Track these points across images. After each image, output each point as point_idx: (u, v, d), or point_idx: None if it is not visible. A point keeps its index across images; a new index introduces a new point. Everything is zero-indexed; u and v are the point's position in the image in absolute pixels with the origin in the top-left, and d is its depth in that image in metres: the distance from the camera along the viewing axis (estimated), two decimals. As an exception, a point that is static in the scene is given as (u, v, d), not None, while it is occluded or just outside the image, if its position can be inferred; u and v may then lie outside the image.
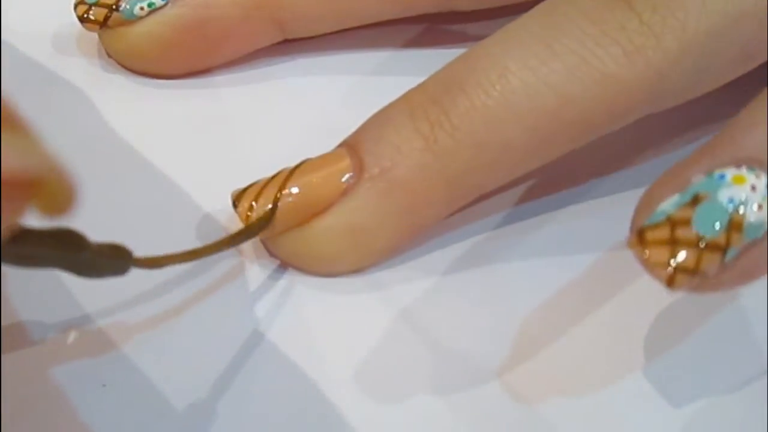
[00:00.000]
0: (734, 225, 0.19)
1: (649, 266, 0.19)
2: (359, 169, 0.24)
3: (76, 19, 0.29)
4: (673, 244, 0.19)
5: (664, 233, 0.19)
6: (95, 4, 0.28)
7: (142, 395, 0.23)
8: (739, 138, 0.20)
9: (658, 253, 0.19)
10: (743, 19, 0.23)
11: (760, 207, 0.19)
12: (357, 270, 0.25)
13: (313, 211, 0.24)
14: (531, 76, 0.23)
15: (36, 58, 0.30)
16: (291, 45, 0.30)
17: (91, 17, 0.28)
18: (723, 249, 0.19)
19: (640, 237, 0.19)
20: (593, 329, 0.24)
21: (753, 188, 0.19)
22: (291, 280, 0.25)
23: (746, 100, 0.22)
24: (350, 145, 0.25)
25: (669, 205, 0.19)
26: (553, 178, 0.27)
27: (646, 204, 0.20)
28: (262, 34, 0.29)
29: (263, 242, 0.26)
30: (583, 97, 0.23)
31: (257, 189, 0.24)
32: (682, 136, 0.28)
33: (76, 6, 0.29)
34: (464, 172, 0.24)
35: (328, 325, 0.24)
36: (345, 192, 0.24)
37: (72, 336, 0.24)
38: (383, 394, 0.23)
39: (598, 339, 0.24)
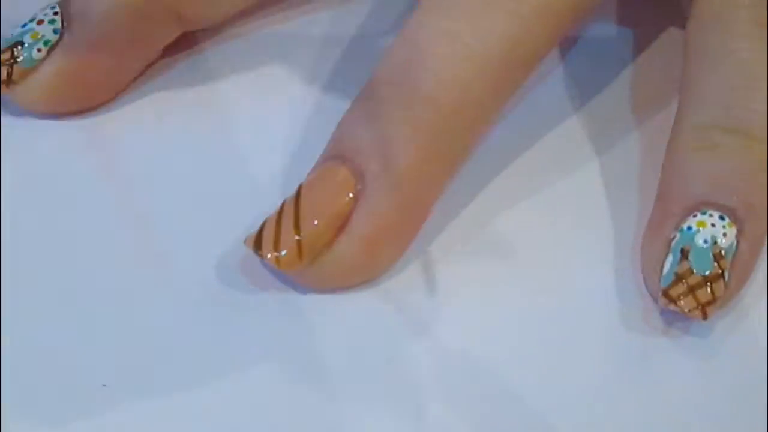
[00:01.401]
0: (718, 256, 0.24)
1: (686, 314, 0.24)
2: (360, 173, 0.24)
3: None
4: (691, 291, 0.24)
5: (681, 288, 0.24)
6: None
7: (142, 397, 0.23)
8: (678, 191, 0.25)
9: (687, 303, 0.24)
10: None
11: (725, 235, 0.24)
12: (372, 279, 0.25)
13: (333, 230, 0.24)
14: (477, 31, 0.24)
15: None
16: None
17: None
18: (721, 275, 0.24)
19: (667, 297, 0.24)
20: (593, 329, 0.25)
21: (713, 225, 0.24)
22: (289, 280, 0.25)
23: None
24: (338, 155, 0.25)
25: (671, 266, 0.24)
26: (552, 178, 0.27)
27: (650, 273, 0.25)
28: (163, 29, 0.28)
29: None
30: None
31: (272, 231, 0.24)
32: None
33: None
34: (453, 138, 0.25)
35: (328, 325, 0.24)
36: (357, 200, 0.24)
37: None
38: (384, 394, 0.23)
39: (599, 339, 0.24)
